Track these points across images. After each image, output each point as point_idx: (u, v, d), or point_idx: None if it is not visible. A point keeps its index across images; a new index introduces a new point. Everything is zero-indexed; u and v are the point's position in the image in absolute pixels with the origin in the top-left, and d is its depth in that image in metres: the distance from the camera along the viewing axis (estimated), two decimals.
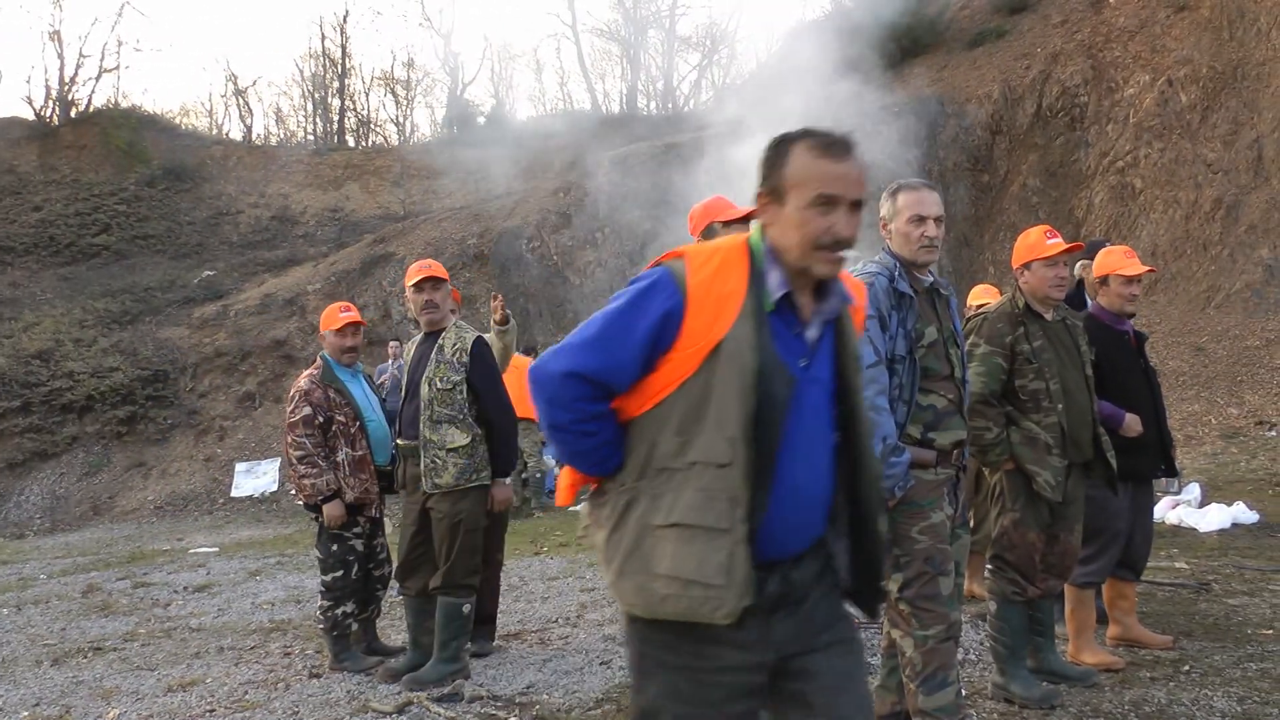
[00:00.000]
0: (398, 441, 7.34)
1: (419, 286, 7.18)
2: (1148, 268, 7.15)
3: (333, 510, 7.41)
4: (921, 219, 4.92)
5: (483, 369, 7.19)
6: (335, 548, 7.52)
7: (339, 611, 7.52)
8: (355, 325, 7.78)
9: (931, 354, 4.92)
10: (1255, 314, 19.04)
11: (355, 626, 7.75)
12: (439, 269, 7.29)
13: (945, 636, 4.77)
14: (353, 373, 7.80)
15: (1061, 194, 23.50)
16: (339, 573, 7.52)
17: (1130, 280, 6.92)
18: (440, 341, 7.16)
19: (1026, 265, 6.15)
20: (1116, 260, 6.97)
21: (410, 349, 7.46)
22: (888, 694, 5.21)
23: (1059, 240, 6.10)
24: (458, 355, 7.10)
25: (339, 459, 7.48)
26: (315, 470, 7.39)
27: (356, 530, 7.55)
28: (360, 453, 7.52)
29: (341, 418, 7.51)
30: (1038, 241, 6.14)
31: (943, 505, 4.89)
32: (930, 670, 4.75)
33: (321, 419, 7.49)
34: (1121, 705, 5.80)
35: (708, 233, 5.76)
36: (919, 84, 27.36)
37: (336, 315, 7.79)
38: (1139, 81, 23.57)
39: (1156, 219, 21.86)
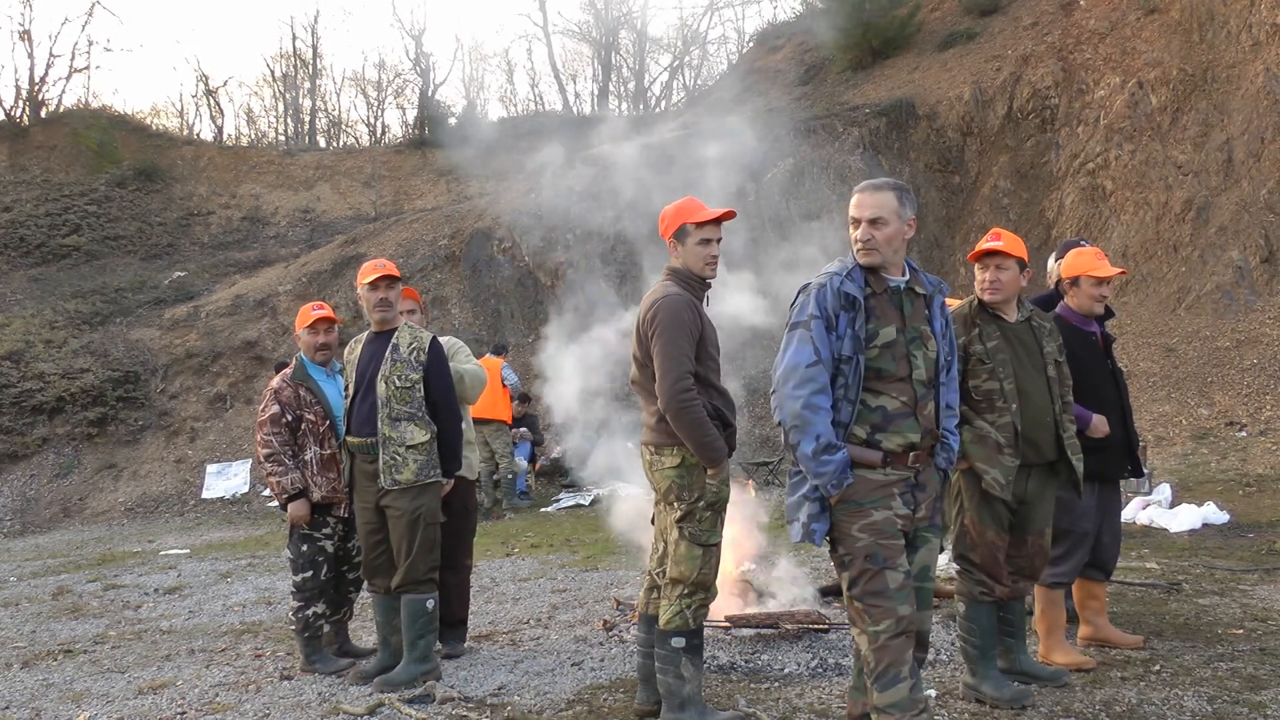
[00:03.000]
0: (347, 439, 7.28)
1: (374, 285, 7.20)
2: (1119, 269, 7.16)
3: (297, 509, 7.44)
4: (856, 221, 4.95)
5: (439, 369, 7.25)
6: (305, 548, 7.52)
7: (310, 612, 7.51)
8: (328, 322, 7.76)
9: (887, 354, 4.91)
10: (1225, 315, 19.12)
11: (327, 628, 7.73)
12: (392, 268, 7.31)
13: (895, 632, 4.76)
14: (328, 372, 7.80)
15: (1032, 195, 23.56)
16: (308, 573, 7.51)
17: (1101, 282, 6.96)
18: (394, 340, 7.18)
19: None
20: (1088, 262, 7.00)
21: (356, 348, 7.42)
22: (860, 695, 5.21)
23: (994, 242, 6.12)
24: (415, 354, 7.14)
25: (307, 457, 7.49)
26: (281, 469, 7.43)
27: (326, 531, 7.55)
28: (329, 451, 7.53)
29: (311, 416, 7.52)
30: (979, 245, 6.21)
31: (890, 504, 4.88)
32: (882, 667, 4.75)
33: (290, 417, 7.51)
34: (1092, 705, 5.82)
35: (679, 234, 5.76)
36: (890, 85, 27.44)
37: (309, 313, 7.78)
38: (1109, 84, 23.66)
39: (1127, 220, 21.93)
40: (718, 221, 5.78)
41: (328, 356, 7.81)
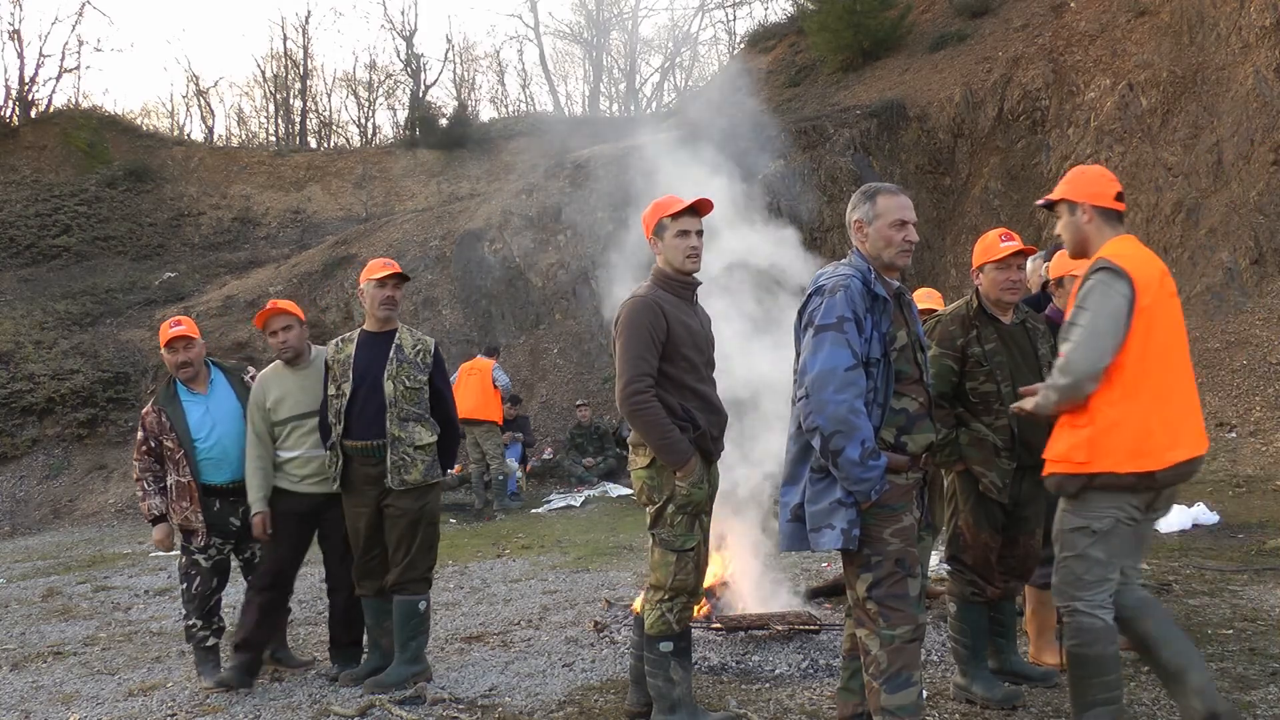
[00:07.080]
0: (345, 442, 7.11)
1: (383, 283, 7.15)
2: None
3: (157, 534, 7.51)
4: (903, 223, 4.93)
5: (441, 373, 7.35)
6: (182, 560, 7.56)
7: (190, 623, 7.52)
8: (185, 339, 7.55)
9: (903, 357, 4.93)
10: (1215, 316, 19.12)
11: (212, 641, 7.57)
12: (396, 267, 7.30)
13: (911, 637, 4.77)
14: (192, 392, 7.59)
15: (1023, 197, 23.56)
16: (183, 585, 7.52)
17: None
18: (397, 341, 7.15)
19: (980, 268, 6.18)
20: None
21: (347, 348, 7.26)
22: (850, 696, 5.22)
23: (1012, 243, 6.08)
24: (421, 356, 7.15)
25: (169, 483, 7.47)
26: (142, 493, 7.54)
27: (199, 544, 7.44)
28: (184, 479, 7.38)
29: (169, 443, 7.41)
30: (991, 244, 6.13)
31: (912, 509, 4.91)
32: (895, 669, 4.74)
33: (152, 443, 7.49)
34: None
35: (658, 231, 5.73)
36: (880, 87, 27.43)
37: (166, 330, 7.57)
38: (1100, 85, 23.67)
39: None
40: (694, 212, 5.76)
41: (190, 374, 7.55)
